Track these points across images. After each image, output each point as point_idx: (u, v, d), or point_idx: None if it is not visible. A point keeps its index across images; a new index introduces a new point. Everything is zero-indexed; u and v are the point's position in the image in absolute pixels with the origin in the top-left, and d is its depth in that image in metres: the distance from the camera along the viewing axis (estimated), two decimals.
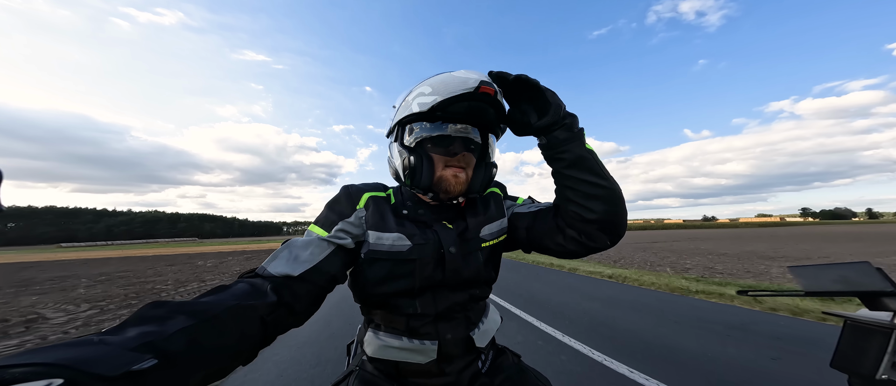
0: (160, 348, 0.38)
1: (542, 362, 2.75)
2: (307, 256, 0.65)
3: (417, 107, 0.71)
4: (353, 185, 0.82)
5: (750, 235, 31.06)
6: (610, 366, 2.63)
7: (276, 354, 3.08)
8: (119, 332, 0.39)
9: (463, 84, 0.66)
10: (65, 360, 0.31)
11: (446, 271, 0.73)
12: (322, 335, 3.57)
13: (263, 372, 2.73)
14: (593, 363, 2.71)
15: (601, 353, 2.87)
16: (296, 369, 2.76)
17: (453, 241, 0.76)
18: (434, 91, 0.69)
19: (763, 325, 3.53)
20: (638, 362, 2.66)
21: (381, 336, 0.76)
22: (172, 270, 11.32)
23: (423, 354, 0.74)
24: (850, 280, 0.37)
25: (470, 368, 0.79)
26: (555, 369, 2.61)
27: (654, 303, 4.72)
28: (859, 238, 20.52)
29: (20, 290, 7.86)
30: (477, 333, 0.80)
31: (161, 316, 0.43)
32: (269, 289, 0.57)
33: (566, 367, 2.67)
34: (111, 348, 0.35)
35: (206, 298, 0.51)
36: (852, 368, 0.37)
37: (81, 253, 33.02)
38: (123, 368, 0.33)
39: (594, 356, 2.82)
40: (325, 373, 2.67)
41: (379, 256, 0.72)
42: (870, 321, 0.35)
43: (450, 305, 0.75)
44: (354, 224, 0.73)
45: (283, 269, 0.62)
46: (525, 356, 0.93)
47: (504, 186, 0.95)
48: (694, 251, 13.78)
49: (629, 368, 2.56)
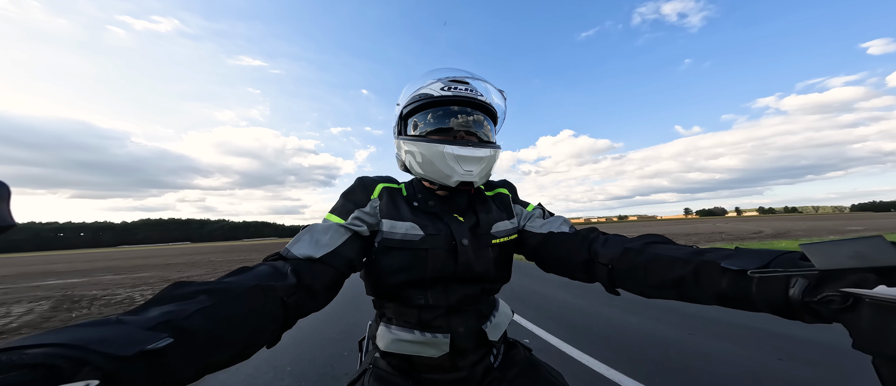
0: (179, 327, 0.38)
1: (554, 357, 2.68)
2: (327, 241, 0.68)
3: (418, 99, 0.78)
4: (367, 176, 0.84)
5: (628, 231, 29.23)
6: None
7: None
8: (140, 312, 0.39)
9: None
10: (79, 340, 0.31)
11: (458, 263, 0.73)
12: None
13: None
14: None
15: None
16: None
17: (465, 233, 0.76)
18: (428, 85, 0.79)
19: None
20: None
21: (393, 330, 0.77)
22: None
23: (436, 347, 0.74)
24: (864, 255, 0.34)
25: (483, 362, 0.79)
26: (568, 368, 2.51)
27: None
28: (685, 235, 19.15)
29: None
30: (489, 326, 0.80)
31: (183, 295, 0.43)
32: (289, 271, 0.58)
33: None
34: (128, 328, 0.35)
35: (229, 278, 0.51)
36: (876, 349, 0.33)
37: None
38: (138, 347, 0.33)
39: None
40: (335, 370, 2.66)
41: (392, 244, 0.73)
42: (891, 298, 0.32)
43: (461, 298, 0.76)
44: (369, 213, 0.75)
45: (306, 251, 0.64)
46: (536, 350, 0.92)
47: (514, 188, 0.95)
48: None
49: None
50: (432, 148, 0.74)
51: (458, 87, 0.78)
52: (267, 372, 2.70)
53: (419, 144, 0.76)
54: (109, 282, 9.76)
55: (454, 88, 0.78)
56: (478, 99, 0.79)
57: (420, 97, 0.79)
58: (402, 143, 0.82)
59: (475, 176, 0.75)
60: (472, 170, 0.74)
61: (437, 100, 0.77)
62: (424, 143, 0.76)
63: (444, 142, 0.74)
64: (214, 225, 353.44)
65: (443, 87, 0.78)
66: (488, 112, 0.83)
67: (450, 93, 0.77)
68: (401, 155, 0.84)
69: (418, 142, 0.77)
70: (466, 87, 0.80)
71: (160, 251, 46.59)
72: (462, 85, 0.80)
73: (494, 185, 0.93)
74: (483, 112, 0.82)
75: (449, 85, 0.79)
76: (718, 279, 0.49)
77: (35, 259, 37.26)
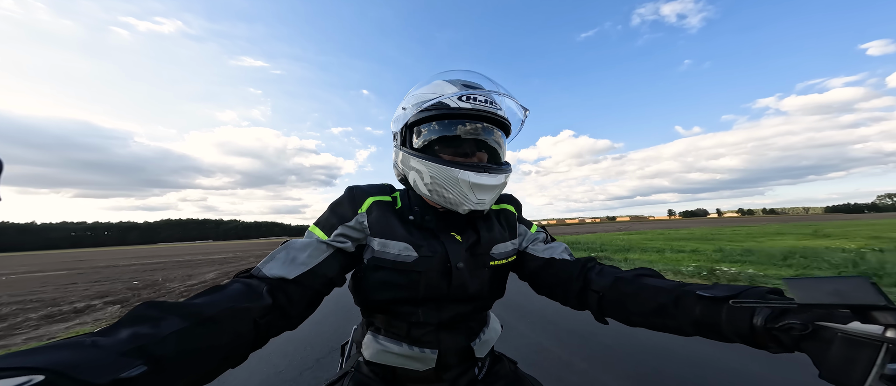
0: (151, 352, 0.38)
1: (539, 370, 2.51)
2: (304, 259, 0.64)
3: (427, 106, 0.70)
4: (358, 186, 0.78)
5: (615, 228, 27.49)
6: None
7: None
8: (112, 333, 0.39)
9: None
10: (55, 364, 0.31)
11: (452, 286, 0.71)
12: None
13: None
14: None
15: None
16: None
17: (461, 255, 0.73)
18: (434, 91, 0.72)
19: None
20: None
21: (380, 340, 0.75)
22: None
23: (423, 361, 0.73)
24: (843, 293, 0.37)
25: (466, 375, 0.78)
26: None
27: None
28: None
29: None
30: (477, 343, 0.79)
31: (155, 317, 0.42)
32: (264, 291, 0.56)
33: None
34: (102, 353, 0.35)
35: (201, 299, 0.50)
36: (841, 380, 0.37)
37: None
38: (112, 375, 0.33)
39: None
40: (314, 374, 2.54)
41: (383, 264, 0.70)
42: (860, 334, 0.35)
43: (453, 316, 0.74)
44: (355, 228, 0.71)
45: (279, 271, 0.61)
46: (521, 363, 0.90)
47: (520, 205, 0.91)
48: None
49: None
50: (446, 172, 0.67)
51: (478, 98, 0.70)
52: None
53: (430, 165, 0.69)
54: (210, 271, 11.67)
55: (473, 100, 0.69)
56: (497, 114, 0.72)
57: (434, 106, 0.70)
58: (408, 158, 0.73)
59: (487, 204, 0.72)
60: (486, 198, 0.70)
61: (453, 112, 0.69)
62: (436, 165, 0.68)
63: (459, 166, 0.67)
64: (229, 225, 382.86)
65: (460, 97, 0.69)
66: (505, 128, 0.76)
67: (468, 105, 0.69)
68: (403, 168, 0.77)
69: (429, 162, 0.69)
70: (484, 97, 0.71)
71: (194, 248, 50.91)
72: (479, 94, 0.71)
73: (500, 200, 0.89)
74: (501, 128, 0.75)
75: (467, 95, 0.69)
76: (694, 307, 0.52)
77: (94, 255, 39.27)
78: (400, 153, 0.77)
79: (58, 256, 46.71)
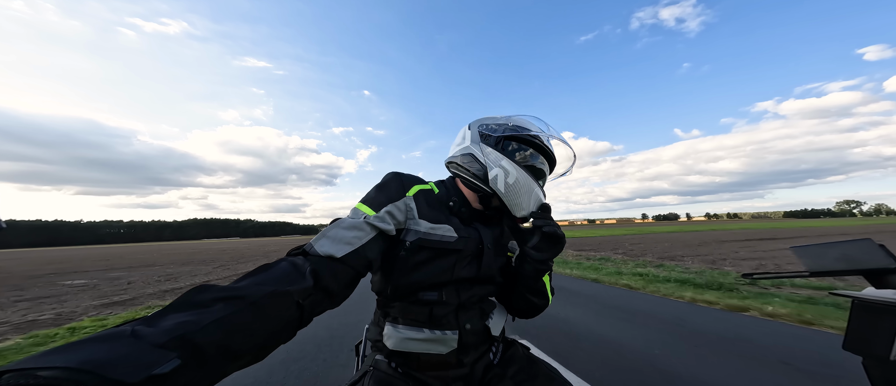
0: (192, 342, 0.38)
1: (551, 353, 2.56)
2: (350, 238, 0.67)
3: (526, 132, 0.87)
4: (401, 173, 0.85)
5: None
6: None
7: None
8: (157, 321, 0.39)
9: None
10: (87, 363, 0.31)
11: (481, 267, 0.80)
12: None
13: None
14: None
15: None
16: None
17: (491, 240, 0.83)
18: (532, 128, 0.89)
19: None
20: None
21: (400, 329, 0.77)
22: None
23: (444, 344, 0.76)
24: (853, 258, 0.36)
25: (483, 359, 0.83)
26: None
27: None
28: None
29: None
30: (491, 322, 0.84)
31: (201, 303, 0.43)
32: (308, 271, 0.57)
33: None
34: (138, 346, 0.34)
35: (247, 280, 0.51)
36: (865, 350, 0.36)
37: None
38: (145, 372, 0.33)
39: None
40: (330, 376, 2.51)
41: (427, 244, 0.76)
42: (878, 300, 0.34)
43: (470, 296, 0.80)
44: (401, 210, 0.76)
45: (329, 249, 0.64)
46: (534, 349, 0.96)
47: None
48: None
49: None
50: (529, 183, 0.81)
51: (552, 140, 0.89)
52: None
53: (520, 171, 0.81)
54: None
55: (551, 141, 0.89)
56: (554, 155, 0.90)
57: (529, 134, 0.86)
58: (499, 157, 0.83)
59: (529, 216, 0.85)
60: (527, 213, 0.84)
61: (539, 145, 0.86)
62: (525, 174, 0.81)
63: (536, 183, 0.83)
64: (247, 224, 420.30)
65: (548, 138, 0.88)
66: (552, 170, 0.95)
67: (548, 144, 0.87)
68: (484, 161, 0.84)
69: (521, 169, 0.81)
70: (555, 145, 0.91)
71: (235, 244, 54.73)
72: (552, 139, 0.90)
73: None
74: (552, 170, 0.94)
75: (549, 134, 0.89)
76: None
77: (177, 247, 43.19)
78: (492, 152, 0.84)
79: (145, 248, 52.66)
